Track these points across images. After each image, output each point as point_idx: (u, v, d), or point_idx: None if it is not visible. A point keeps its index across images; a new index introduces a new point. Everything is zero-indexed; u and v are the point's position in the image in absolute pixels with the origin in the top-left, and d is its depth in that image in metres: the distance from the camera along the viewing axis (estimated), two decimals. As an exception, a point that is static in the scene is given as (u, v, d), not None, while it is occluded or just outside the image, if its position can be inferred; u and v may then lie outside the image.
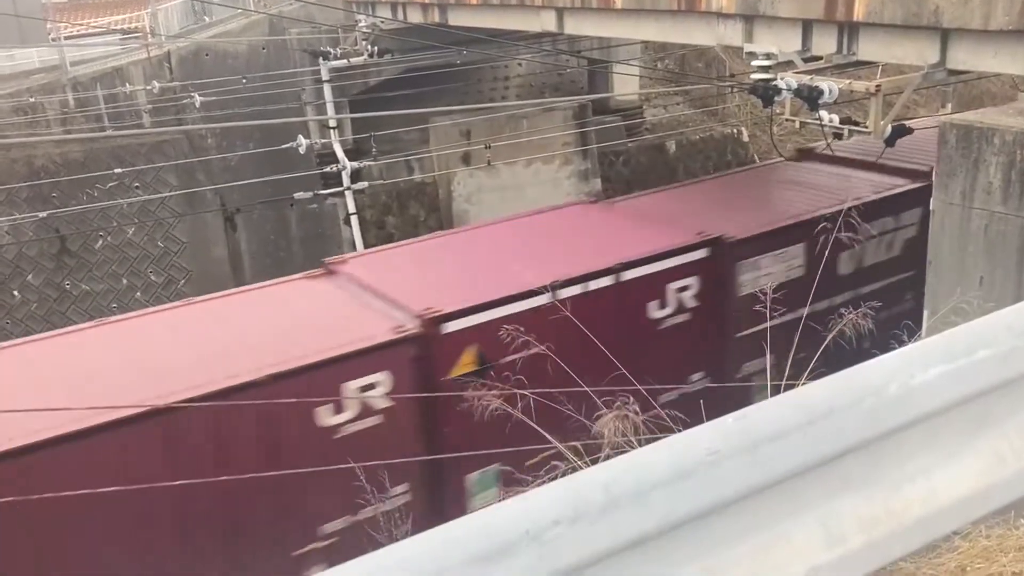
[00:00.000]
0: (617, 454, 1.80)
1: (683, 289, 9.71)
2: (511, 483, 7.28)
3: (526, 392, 6.27)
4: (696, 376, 9.91)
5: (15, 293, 14.85)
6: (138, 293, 15.68)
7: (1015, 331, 1.90)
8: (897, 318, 7.83)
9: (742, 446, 1.60)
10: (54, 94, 15.94)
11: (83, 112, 16.15)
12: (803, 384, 1.71)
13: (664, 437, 1.70)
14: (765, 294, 6.48)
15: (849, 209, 8.18)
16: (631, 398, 5.37)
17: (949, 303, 6.52)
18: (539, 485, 1.56)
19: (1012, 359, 1.86)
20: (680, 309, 9.69)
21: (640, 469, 1.54)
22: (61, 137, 15.40)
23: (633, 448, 2.38)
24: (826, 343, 6.03)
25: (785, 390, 1.97)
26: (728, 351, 10.06)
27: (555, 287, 8.73)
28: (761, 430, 1.63)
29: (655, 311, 9.58)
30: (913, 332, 6.60)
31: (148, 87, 16.15)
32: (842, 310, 6.43)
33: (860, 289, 10.62)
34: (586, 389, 5.91)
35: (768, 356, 6.63)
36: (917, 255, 11.35)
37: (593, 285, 9.10)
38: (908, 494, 1.80)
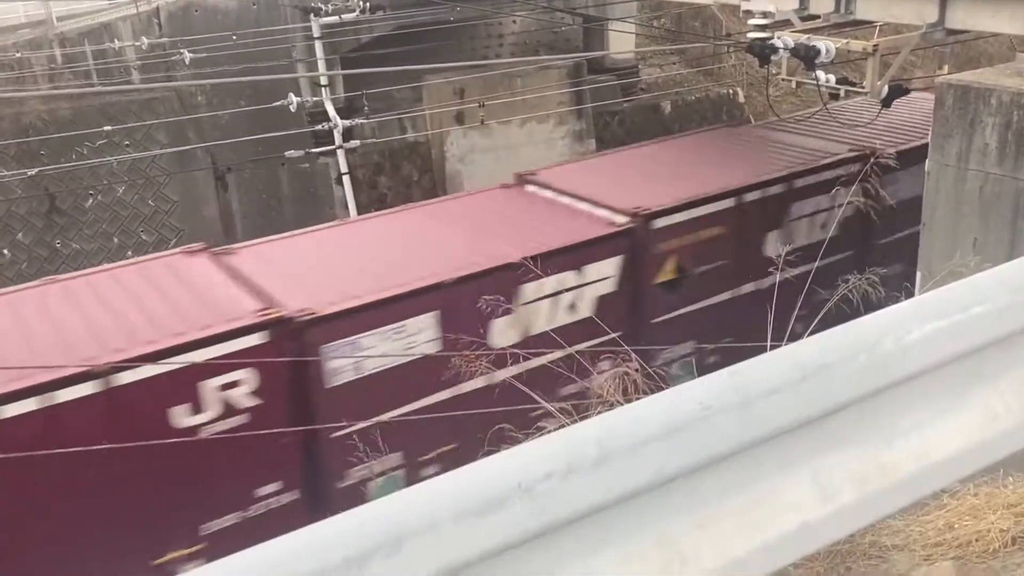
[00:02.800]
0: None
1: (229, 386, 7.20)
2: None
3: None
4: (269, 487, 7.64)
5: (5, 252, 14.75)
6: (129, 252, 15.57)
7: (1010, 287, 1.89)
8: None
9: (735, 401, 1.60)
10: (41, 50, 15.69)
11: (71, 68, 15.91)
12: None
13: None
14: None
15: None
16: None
17: (945, 266, 6.52)
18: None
19: (1007, 315, 1.85)
20: (229, 412, 7.22)
21: (633, 424, 1.53)
22: (49, 93, 15.18)
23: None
24: None
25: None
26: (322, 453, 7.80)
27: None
28: (755, 385, 1.63)
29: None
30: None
31: (137, 43, 15.90)
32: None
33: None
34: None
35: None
36: (615, 316, 9.11)
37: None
38: (900, 450, 1.80)
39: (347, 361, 7.53)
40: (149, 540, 6.91)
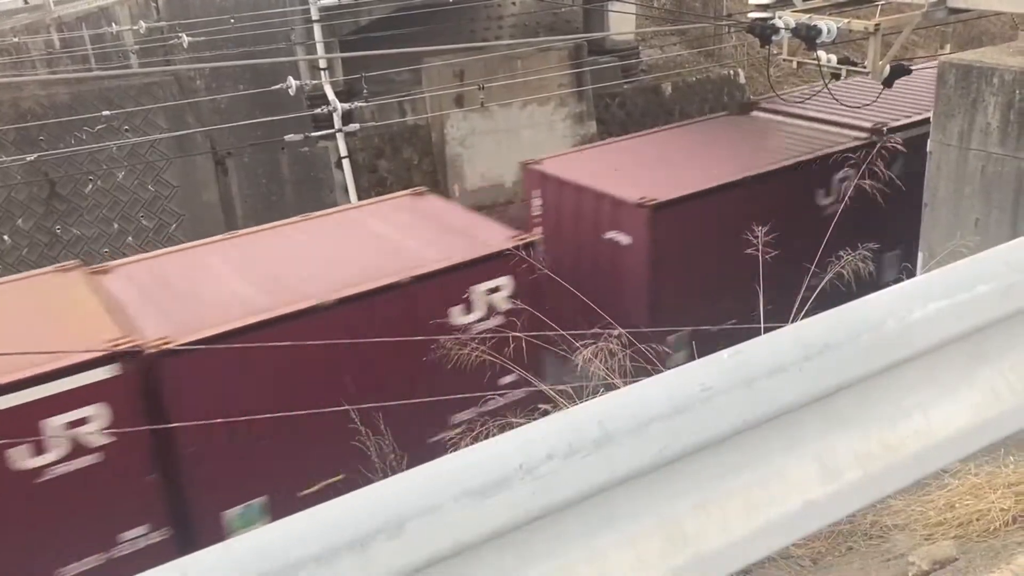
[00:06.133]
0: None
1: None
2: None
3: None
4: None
5: (5, 238, 14.73)
6: (129, 238, 15.56)
7: (1014, 266, 1.88)
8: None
9: (738, 381, 1.59)
10: (38, 34, 15.61)
11: (69, 53, 15.84)
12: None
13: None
14: None
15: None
16: None
17: (946, 246, 6.50)
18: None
19: (1011, 294, 1.84)
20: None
21: (635, 404, 1.53)
22: (47, 78, 15.12)
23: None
24: None
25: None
26: None
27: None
28: (757, 365, 1.62)
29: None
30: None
31: (135, 27, 15.81)
32: None
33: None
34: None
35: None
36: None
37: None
38: (903, 429, 1.79)
39: None
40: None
